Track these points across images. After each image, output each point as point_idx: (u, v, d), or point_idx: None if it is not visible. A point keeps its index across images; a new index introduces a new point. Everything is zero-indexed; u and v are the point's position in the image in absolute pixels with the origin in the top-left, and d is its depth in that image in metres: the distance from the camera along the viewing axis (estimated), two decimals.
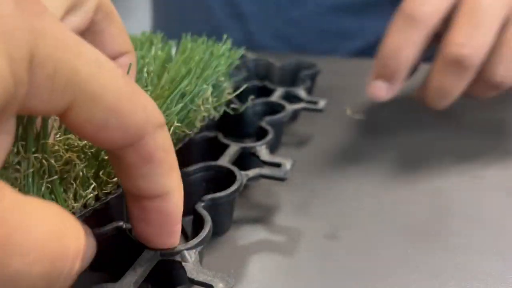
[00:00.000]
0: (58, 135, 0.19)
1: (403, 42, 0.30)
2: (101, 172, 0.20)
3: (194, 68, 0.25)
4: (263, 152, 0.27)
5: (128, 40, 0.21)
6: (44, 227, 0.11)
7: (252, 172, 0.25)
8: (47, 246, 0.11)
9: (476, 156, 0.32)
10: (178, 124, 0.23)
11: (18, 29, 0.11)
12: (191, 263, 0.19)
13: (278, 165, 0.26)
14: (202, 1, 0.60)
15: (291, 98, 0.35)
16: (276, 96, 0.34)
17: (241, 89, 0.30)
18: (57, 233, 0.12)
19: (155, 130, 0.15)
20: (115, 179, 0.20)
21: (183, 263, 0.19)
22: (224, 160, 0.26)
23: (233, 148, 0.27)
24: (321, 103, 0.33)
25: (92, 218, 0.19)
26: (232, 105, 0.31)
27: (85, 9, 0.17)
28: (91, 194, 0.19)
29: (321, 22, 0.57)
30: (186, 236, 0.24)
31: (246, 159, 0.27)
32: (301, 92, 0.35)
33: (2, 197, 0.11)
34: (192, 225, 0.23)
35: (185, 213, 0.26)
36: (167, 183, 0.16)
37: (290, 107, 0.32)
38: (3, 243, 0.10)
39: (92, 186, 0.19)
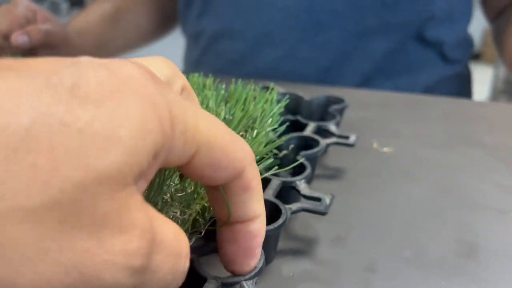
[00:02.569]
0: None
1: None
2: None
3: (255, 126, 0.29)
4: (302, 186, 0.29)
5: None
6: (170, 233, 0.15)
7: (294, 206, 0.27)
8: (172, 246, 0.15)
9: (502, 191, 0.34)
10: None
11: (160, 100, 0.15)
12: None
13: (317, 199, 0.27)
14: (233, 30, 0.63)
15: (322, 132, 0.37)
16: (309, 130, 0.36)
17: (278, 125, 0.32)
18: (177, 238, 0.16)
19: (250, 163, 0.18)
20: None
21: None
22: (268, 194, 0.27)
23: (275, 182, 0.29)
24: (352, 138, 0.35)
25: None
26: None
27: (173, 89, 0.21)
28: None
29: (346, 45, 0.60)
30: None
31: (283, 192, 0.29)
32: (332, 127, 0.37)
33: (152, 213, 0.15)
34: None
35: None
36: (258, 207, 0.20)
37: (323, 142, 0.34)
38: (151, 241, 0.14)
39: None
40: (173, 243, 0.16)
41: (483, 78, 2.67)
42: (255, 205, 0.19)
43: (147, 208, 0.15)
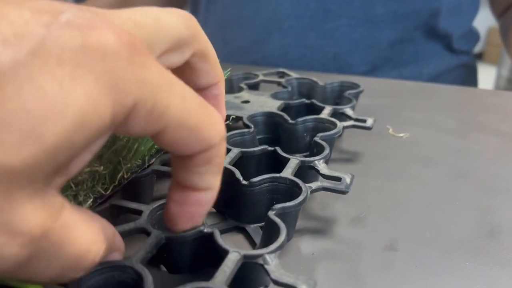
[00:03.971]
0: None
1: None
2: None
3: None
4: (321, 166, 0.28)
5: (219, 72, 0.24)
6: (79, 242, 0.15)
7: (314, 185, 0.26)
8: (73, 256, 0.15)
9: None
10: None
11: (128, 81, 0.14)
12: (273, 266, 0.20)
13: (337, 178, 0.27)
14: (242, 18, 0.63)
15: (338, 116, 0.37)
16: (325, 114, 0.36)
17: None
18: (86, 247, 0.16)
19: (219, 141, 0.18)
20: None
21: (265, 266, 0.20)
22: (287, 173, 0.27)
23: (293, 162, 0.28)
24: (369, 122, 0.35)
25: None
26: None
27: (182, 54, 0.20)
28: None
29: (354, 33, 0.60)
30: (253, 243, 0.25)
31: (301, 172, 0.29)
32: (349, 110, 0.36)
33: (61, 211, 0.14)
34: (264, 231, 0.24)
35: (251, 221, 0.27)
36: (214, 181, 0.19)
37: (340, 124, 0.33)
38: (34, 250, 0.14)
39: None
40: (79, 252, 0.15)
41: (486, 78, 2.66)
42: (211, 178, 0.19)
43: (52, 213, 0.14)
